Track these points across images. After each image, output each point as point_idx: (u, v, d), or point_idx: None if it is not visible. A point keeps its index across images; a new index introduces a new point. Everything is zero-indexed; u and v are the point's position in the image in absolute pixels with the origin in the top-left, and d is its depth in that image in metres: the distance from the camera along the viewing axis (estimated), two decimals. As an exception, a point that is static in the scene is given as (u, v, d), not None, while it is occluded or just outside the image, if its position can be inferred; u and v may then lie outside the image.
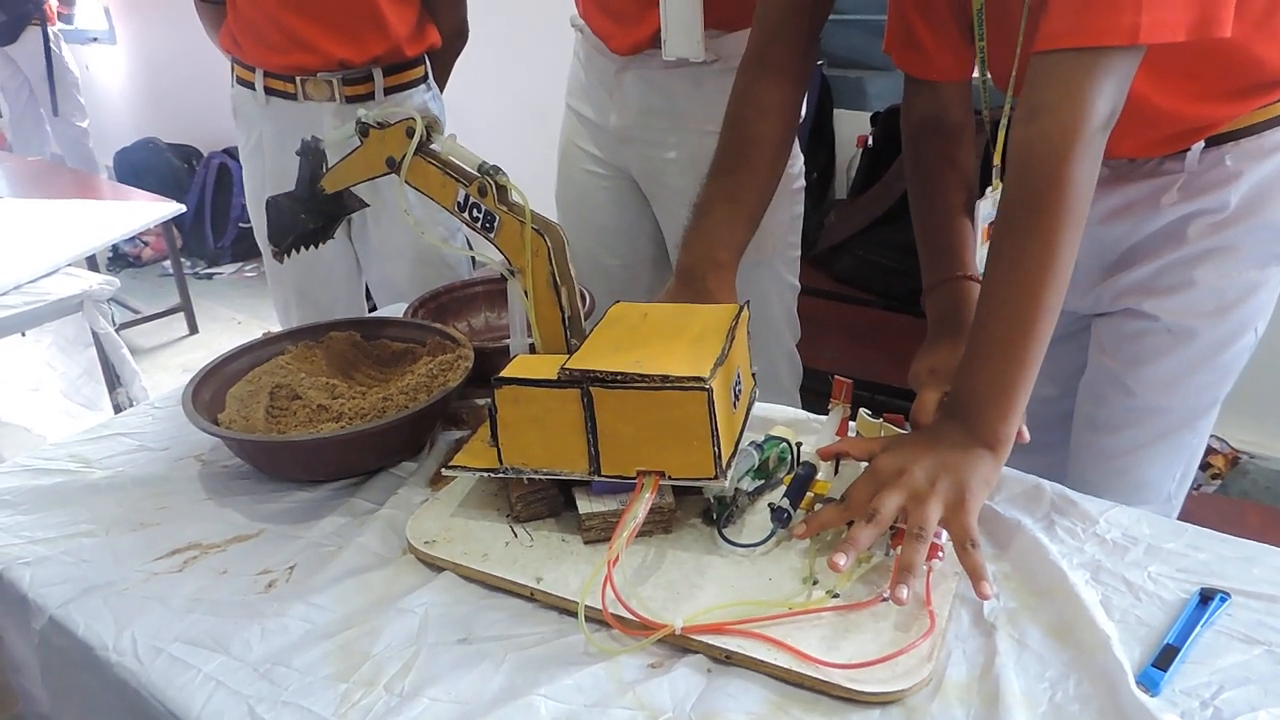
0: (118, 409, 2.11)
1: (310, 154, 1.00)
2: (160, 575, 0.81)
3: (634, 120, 1.43)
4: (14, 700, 0.95)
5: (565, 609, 0.74)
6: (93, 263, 2.63)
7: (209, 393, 0.99)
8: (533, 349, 0.93)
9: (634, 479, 0.78)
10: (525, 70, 3.00)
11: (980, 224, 1.01)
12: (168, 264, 3.79)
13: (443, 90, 1.76)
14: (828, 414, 0.97)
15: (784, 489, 0.84)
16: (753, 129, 1.06)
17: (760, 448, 0.88)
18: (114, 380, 2.11)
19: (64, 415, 2.19)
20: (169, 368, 3.29)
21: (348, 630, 0.73)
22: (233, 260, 4.25)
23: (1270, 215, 0.95)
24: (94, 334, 1.98)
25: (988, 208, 1.01)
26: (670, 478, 0.78)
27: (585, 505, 0.81)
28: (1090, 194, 0.78)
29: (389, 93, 1.61)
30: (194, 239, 4.31)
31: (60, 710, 0.86)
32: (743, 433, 0.86)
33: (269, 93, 1.60)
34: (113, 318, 1.98)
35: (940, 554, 0.75)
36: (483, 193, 0.89)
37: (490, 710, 0.65)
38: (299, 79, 1.56)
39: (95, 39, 5.20)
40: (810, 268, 2.56)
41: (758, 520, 0.83)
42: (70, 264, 1.98)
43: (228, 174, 4.23)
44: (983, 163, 1.03)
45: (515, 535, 0.83)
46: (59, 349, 2.20)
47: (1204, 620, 0.70)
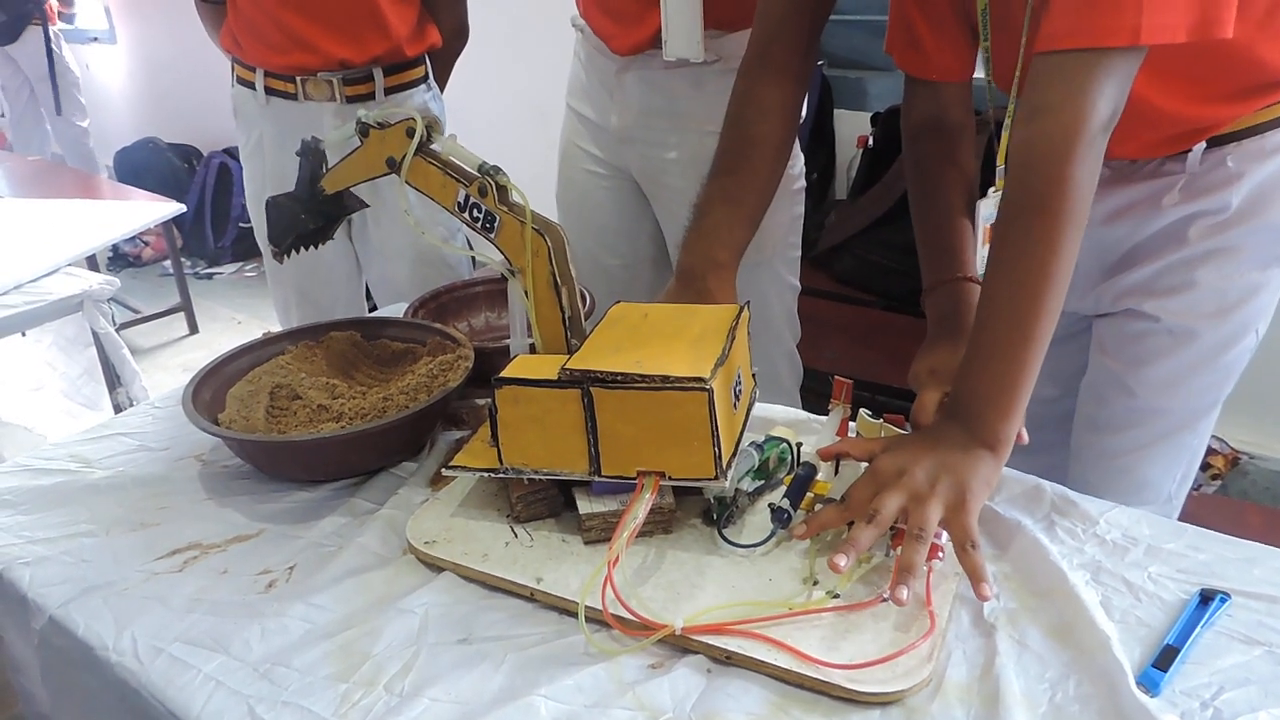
0: (118, 409, 2.11)
1: (310, 154, 1.00)
2: (160, 575, 0.81)
3: (634, 120, 1.43)
4: (14, 700, 0.95)
5: (565, 609, 0.74)
6: (93, 262, 2.63)
7: (209, 393, 0.99)
8: (533, 349, 0.93)
9: (634, 479, 0.78)
10: (525, 70, 3.00)
11: (981, 224, 1.01)
12: (168, 264, 3.80)
13: (443, 90, 1.76)
14: (828, 414, 0.97)
15: (784, 489, 0.84)
16: (753, 129, 1.06)
17: (760, 448, 0.88)
18: (114, 380, 2.10)
19: (64, 415, 2.19)
20: (169, 368, 3.29)
21: (348, 630, 0.73)
22: (233, 260, 4.25)
23: (1271, 216, 0.95)
24: (94, 334, 1.98)
25: (989, 208, 1.01)
26: (670, 478, 0.78)
27: (585, 505, 0.81)
28: (1091, 195, 0.78)
29: (389, 93, 1.61)
30: (194, 239, 4.31)
31: (60, 710, 0.86)
32: (743, 433, 0.86)
33: (269, 92, 1.60)
34: (113, 317, 1.98)
35: (940, 554, 0.75)
36: (483, 193, 0.89)
37: (490, 710, 0.65)
38: (299, 79, 1.56)
39: (95, 38, 5.20)
40: (810, 268, 2.56)
41: (758, 521, 0.83)
42: (70, 264, 1.98)
43: (228, 174, 4.23)
44: (984, 163, 1.03)
45: (515, 535, 0.83)
46: (59, 349, 2.20)
47: (1204, 621, 0.70)
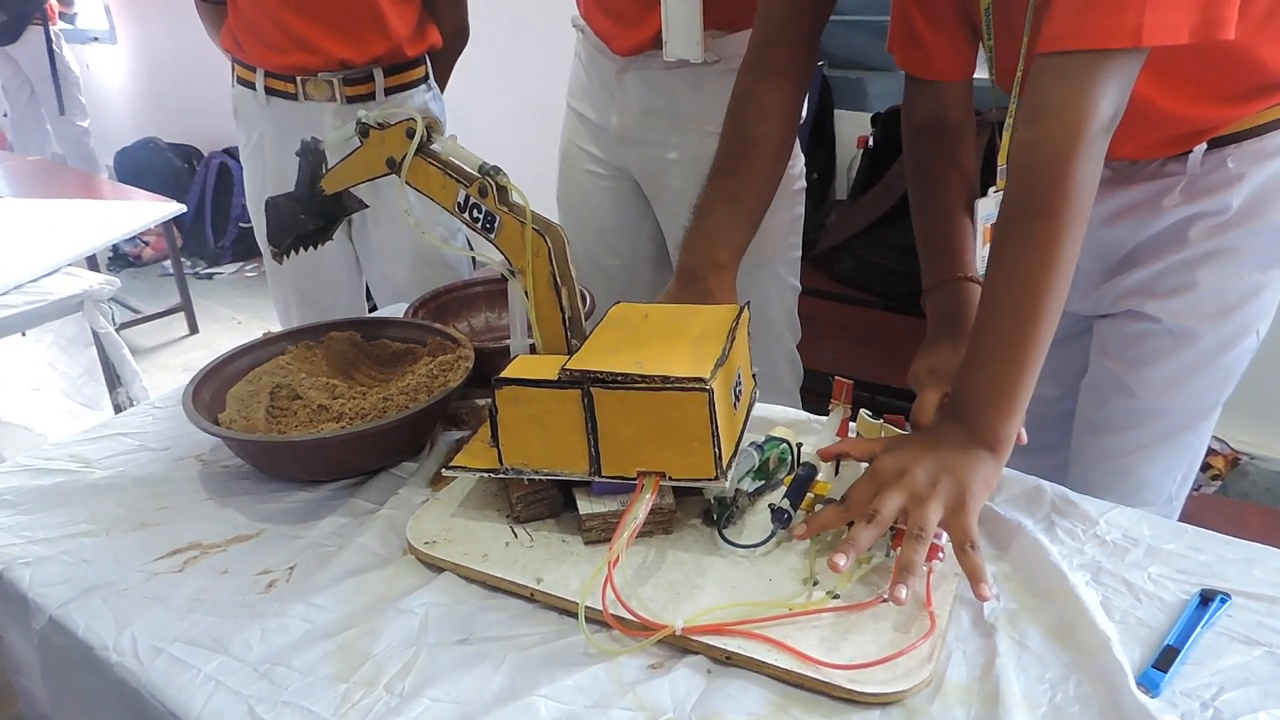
0: (118, 409, 2.11)
1: (310, 154, 1.00)
2: (160, 575, 0.81)
3: (635, 121, 1.43)
4: (14, 700, 0.95)
5: (565, 609, 0.74)
6: (93, 262, 2.63)
7: (209, 393, 0.99)
8: (533, 349, 0.93)
9: (634, 480, 0.78)
10: (525, 70, 3.00)
11: (981, 224, 1.00)
12: (168, 264, 3.80)
13: (443, 90, 1.76)
14: (828, 415, 0.96)
15: (784, 490, 0.84)
16: (754, 130, 1.07)
17: (761, 448, 0.88)
18: (114, 380, 2.10)
19: (64, 415, 2.19)
20: (169, 368, 3.29)
21: (348, 630, 0.73)
22: (233, 260, 4.25)
23: (1272, 217, 0.94)
24: (94, 334, 1.98)
25: (989, 207, 1.01)
26: (671, 478, 0.78)
27: (585, 506, 0.81)
28: (1092, 195, 0.78)
29: (390, 93, 1.61)
30: (194, 239, 4.31)
31: (60, 710, 0.86)
32: (743, 433, 0.86)
33: (270, 93, 1.60)
34: (113, 317, 1.98)
35: (940, 555, 0.75)
36: (483, 193, 0.89)
37: (490, 710, 0.65)
38: (300, 79, 1.56)
39: (96, 38, 5.21)
40: (811, 268, 2.56)
41: (758, 521, 0.83)
42: (70, 264, 1.98)
43: (228, 174, 4.23)
44: (985, 163, 1.03)
45: (515, 536, 0.83)
46: (59, 349, 2.20)
47: (1204, 621, 0.70)
